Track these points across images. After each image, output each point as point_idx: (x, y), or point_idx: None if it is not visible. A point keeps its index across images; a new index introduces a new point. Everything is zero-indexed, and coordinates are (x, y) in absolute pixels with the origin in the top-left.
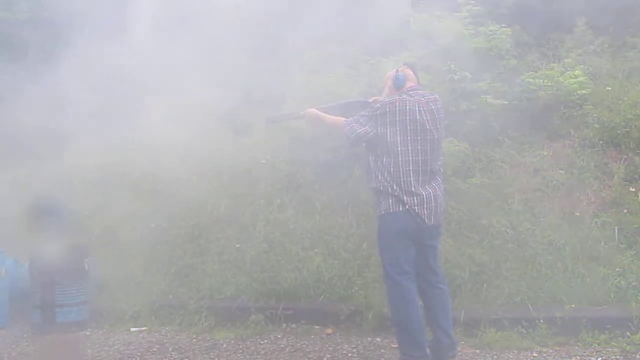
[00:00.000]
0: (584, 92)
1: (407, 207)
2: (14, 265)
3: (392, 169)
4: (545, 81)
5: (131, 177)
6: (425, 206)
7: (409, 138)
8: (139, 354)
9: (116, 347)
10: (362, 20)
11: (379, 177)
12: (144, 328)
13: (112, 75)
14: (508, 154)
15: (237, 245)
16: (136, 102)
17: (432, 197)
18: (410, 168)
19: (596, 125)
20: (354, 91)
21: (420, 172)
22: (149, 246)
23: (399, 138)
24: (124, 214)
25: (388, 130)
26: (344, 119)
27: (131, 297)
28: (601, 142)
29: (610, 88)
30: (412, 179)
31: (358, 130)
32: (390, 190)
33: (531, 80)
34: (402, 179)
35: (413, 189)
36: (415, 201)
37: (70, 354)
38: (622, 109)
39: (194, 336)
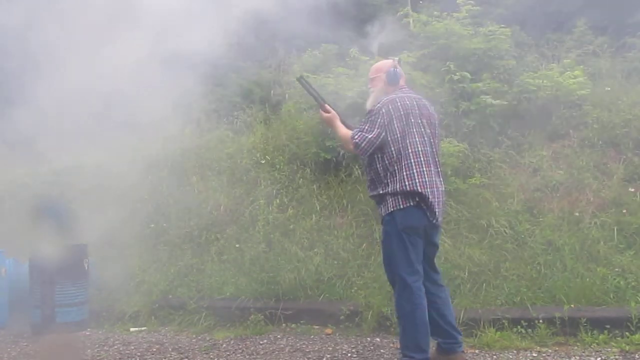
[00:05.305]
0: (583, 92)
1: (417, 200)
2: (13, 265)
3: (403, 163)
4: (545, 81)
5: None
6: (436, 201)
7: (414, 130)
8: (138, 354)
9: (116, 347)
10: (362, 21)
11: (391, 178)
12: (143, 328)
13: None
14: (507, 154)
15: (237, 245)
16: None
17: (441, 193)
18: (422, 159)
19: (595, 126)
20: (353, 91)
21: (432, 164)
22: (149, 246)
23: (406, 131)
24: (124, 214)
25: (395, 125)
26: (349, 131)
27: (131, 297)
28: (600, 142)
29: (609, 88)
30: (424, 171)
31: (369, 136)
32: (400, 186)
33: (530, 80)
34: (415, 173)
35: (427, 181)
36: (429, 196)
37: (70, 354)
38: (621, 109)
39: (194, 336)
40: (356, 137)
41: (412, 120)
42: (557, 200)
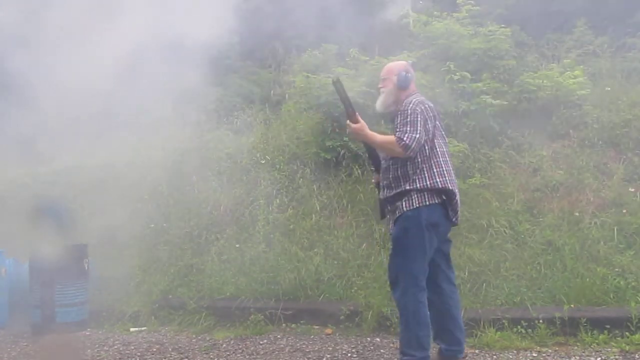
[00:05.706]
0: (583, 92)
1: (443, 198)
2: (13, 265)
3: (433, 161)
4: (545, 81)
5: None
6: (459, 200)
7: (437, 132)
8: (138, 354)
9: (116, 347)
10: (362, 20)
11: (420, 175)
12: (143, 328)
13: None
14: (507, 154)
15: (237, 245)
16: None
17: (458, 192)
18: (447, 159)
19: (595, 126)
20: (353, 91)
21: (452, 165)
22: (149, 246)
23: (434, 132)
24: (124, 215)
25: (429, 125)
26: (389, 136)
27: (131, 297)
28: (600, 142)
29: (609, 88)
30: (451, 170)
31: (417, 136)
32: (431, 183)
33: (530, 80)
34: (444, 171)
35: (454, 179)
36: (456, 193)
37: (70, 354)
38: (621, 109)
39: (194, 336)
40: (405, 139)
41: (436, 123)
42: (557, 200)
